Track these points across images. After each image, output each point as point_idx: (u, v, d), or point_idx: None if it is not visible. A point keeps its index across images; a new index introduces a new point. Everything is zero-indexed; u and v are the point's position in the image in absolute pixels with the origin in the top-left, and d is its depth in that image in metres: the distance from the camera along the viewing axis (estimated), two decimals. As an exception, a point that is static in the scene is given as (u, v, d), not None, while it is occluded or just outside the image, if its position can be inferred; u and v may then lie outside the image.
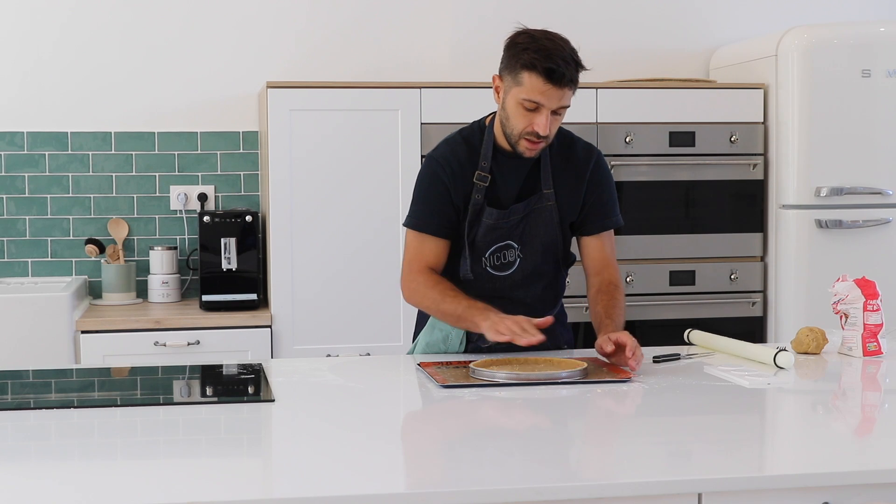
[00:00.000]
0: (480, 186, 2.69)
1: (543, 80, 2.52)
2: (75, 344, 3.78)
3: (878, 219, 4.11)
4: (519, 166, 2.72)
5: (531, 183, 2.74)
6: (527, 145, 2.61)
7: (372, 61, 4.44)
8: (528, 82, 2.54)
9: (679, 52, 4.66)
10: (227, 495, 1.71)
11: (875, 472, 1.84)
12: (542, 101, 2.54)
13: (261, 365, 2.69)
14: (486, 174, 2.69)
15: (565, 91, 2.54)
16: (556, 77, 2.51)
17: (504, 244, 2.73)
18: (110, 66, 4.32)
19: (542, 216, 2.74)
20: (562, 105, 2.57)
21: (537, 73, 2.52)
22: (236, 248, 4.06)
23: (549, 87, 2.52)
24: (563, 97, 2.55)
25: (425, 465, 1.91)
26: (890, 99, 4.10)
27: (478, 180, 2.69)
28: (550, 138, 2.63)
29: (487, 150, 2.70)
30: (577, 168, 2.76)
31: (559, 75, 2.51)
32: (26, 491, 1.75)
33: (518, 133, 2.61)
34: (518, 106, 2.57)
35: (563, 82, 2.52)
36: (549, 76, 2.51)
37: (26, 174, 4.27)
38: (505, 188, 2.72)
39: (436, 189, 2.71)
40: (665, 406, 2.30)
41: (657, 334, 4.13)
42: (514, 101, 2.58)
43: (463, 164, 2.71)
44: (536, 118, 2.56)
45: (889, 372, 2.66)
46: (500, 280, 2.74)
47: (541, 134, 2.57)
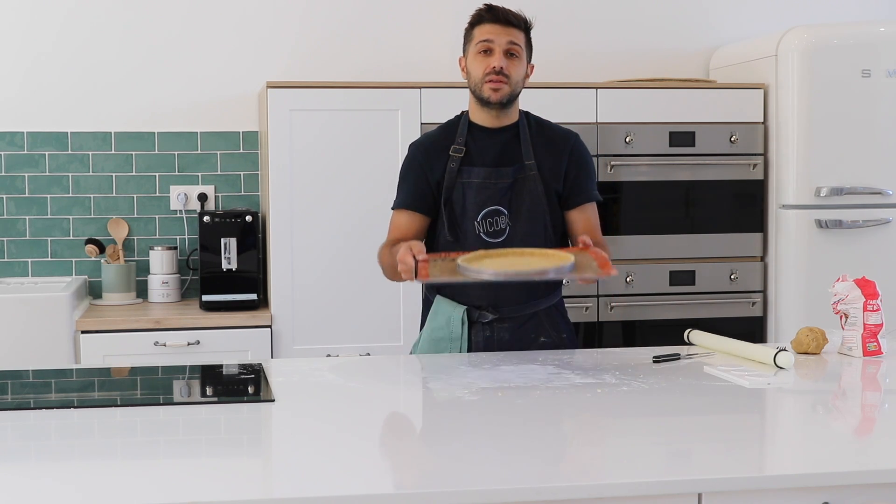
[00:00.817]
0: (455, 157, 2.87)
1: (489, 23, 2.80)
2: (75, 344, 3.78)
3: (878, 219, 4.11)
4: (495, 140, 2.87)
5: (510, 156, 2.87)
6: (490, 87, 2.80)
7: (372, 61, 4.44)
8: (478, 32, 2.82)
9: (679, 51, 4.66)
10: (227, 495, 1.71)
11: (875, 472, 1.84)
12: (492, 38, 2.79)
13: (261, 365, 2.69)
14: (461, 147, 2.87)
15: (512, 31, 2.80)
16: (498, 15, 2.80)
17: (494, 209, 2.83)
18: (110, 65, 4.32)
19: (527, 185, 2.85)
20: (512, 42, 2.80)
21: (482, 20, 2.82)
22: (236, 248, 4.06)
23: (494, 26, 2.79)
24: (512, 35, 2.80)
25: (425, 465, 1.91)
26: (890, 99, 4.09)
27: (453, 153, 2.87)
28: (512, 82, 2.81)
29: (463, 128, 2.90)
30: (557, 145, 2.91)
31: (500, 13, 2.81)
32: (26, 491, 1.75)
33: (480, 79, 2.81)
34: (475, 57, 2.82)
35: (506, 20, 2.80)
36: (492, 16, 2.81)
37: (26, 174, 4.27)
38: (481, 158, 2.86)
39: (412, 170, 2.91)
40: (665, 406, 2.30)
41: (657, 334, 4.14)
42: (472, 55, 2.83)
43: (438, 143, 2.91)
44: (492, 58, 2.79)
45: (889, 372, 2.66)
46: (493, 247, 2.79)
47: (497, 67, 2.77)
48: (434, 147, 2.90)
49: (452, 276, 2.49)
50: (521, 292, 2.85)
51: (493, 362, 2.69)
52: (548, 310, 2.92)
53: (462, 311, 2.85)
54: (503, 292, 2.84)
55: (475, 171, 2.85)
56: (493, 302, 2.85)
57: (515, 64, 2.81)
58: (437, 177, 2.86)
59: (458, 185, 2.85)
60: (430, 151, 2.89)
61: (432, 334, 2.88)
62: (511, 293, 2.84)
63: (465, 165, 2.85)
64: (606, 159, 4.07)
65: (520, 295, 2.85)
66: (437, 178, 2.86)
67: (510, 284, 2.79)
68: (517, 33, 2.81)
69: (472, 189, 2.84)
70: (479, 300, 2.85)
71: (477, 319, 2.86)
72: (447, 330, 2.86)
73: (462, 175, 2.85)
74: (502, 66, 2.77)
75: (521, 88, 2.87)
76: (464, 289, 2.84)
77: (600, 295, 4.10)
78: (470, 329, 2.86)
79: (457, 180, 2.85)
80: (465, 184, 2.84)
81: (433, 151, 2.89)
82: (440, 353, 2.85)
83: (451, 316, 2.86)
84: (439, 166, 2.86)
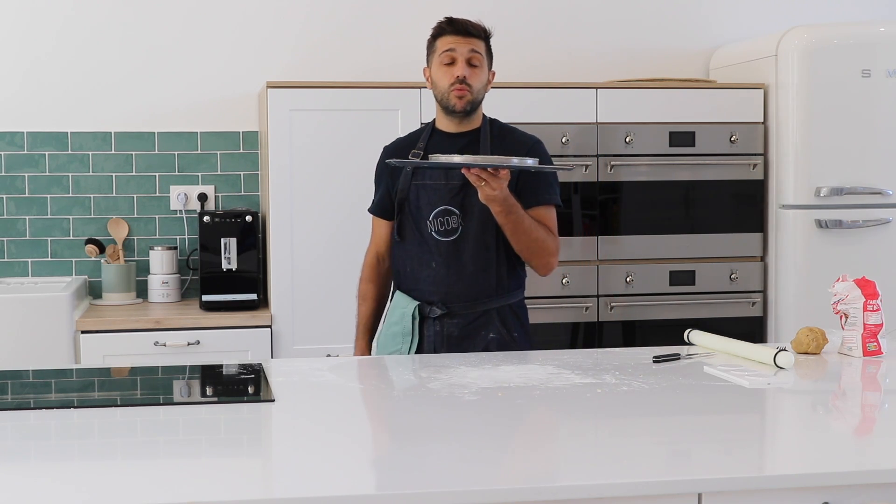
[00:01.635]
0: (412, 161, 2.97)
1: (450, 34, 2.93)
2: (75, 344, 3.78)
3: (878, 219, 4.11)
4: (454, 143, 2.97)
5: None
6: (455, 95, 2.92)
7: (372, 61, 4.44)
8: (440, 43, 2.95)
9: (679, 51, 4.66)
10: (227, 495, 1.71)
11: (875, 472, 1.84)
12: (455, 48, 2.91)
13: (261, 365, 2.69)
14: (420, 151, 2.99)
15: (472, 41, 2.92)
16: (458, 26, 2.92)
17: (445, 209, 2.94)
18: (110, 66, 4.32)
19: None
20: (473, 52, 2.92)
21: (443, 32, 2.95)
22: (236, 248, 4.06)
23: (455, 38, 2.92)
24: (472, 45, 2.92)
25: (425, 465, 1.91)
26: (890, 99, 4.10)
27: (411, 157, 2.99)
28: (476, 88, 2.93)
29: (426, 133, 3.04)
30: (515, 147, 2.97)
31: (461, 24, 2.93)
32: (26, 491, 1.75)
33: (446, 89, 2.93)
34: (439, 67, 2.94)
35: (467, 31, 2.92)
36: (453, 28, 2.93)
37: (26, 174, 4.27)
38: None
39: (377, 173, 3.10)
40: (665, 406, 2.30)
41: (657, 334, 4.14)
42: (436, 66, 2.95)
43: (401, 147, 3.04)
44: (455, 68, 2.92)
45: (889, 372, 2.66)
46: (444, 245, 2.95)
47: (460, 76, 2.89)
48: (396, 152, 3.03)
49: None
50: (472, 289, 2.96)
51: (494, 362, 2.70)
52: (500, 308, 3.00)
53: (414, 306, 2.97)
54: (454, 288, 2.95)
55: (428, 173, 2.96)
56: (443, 298, 2.96)
57: (477, 72, 2.93)
58: (397, 180, 3.01)
59: (412, 187, 2.97)
60: (392, 156, 3.00)
61: (389, 329, 3.02)
62: (462, 289, 2.95)
63: (421, 168, 2.97)
64: (606, 159, 4.07)
65: (470, 292, 2.96)
66: (396, 182, 3.01)
67: (460, 281, 2.94)
68: (477, 42, 2.93)
69: (426, 190, 2.96)
70: (431, 296, 2.96)
71: (428, 315, 2.97)
72: (401, 325, 2.98)
73: (416, 177, 2.97)
74: (465, 75, 2.90)
75: (484, 95, 2.98)
76: (417, 284, 2.97)
77: (600, 295, 4.10)
78: (421, 324, 2.96)
79: (411, 182, 2.97)
80: (419, 185, 2.96)
81: (395, 156, 3.00)
82: (395, 347, 2.98)
83: (405, 311, 2.98)
84: (399, 170, 3.00)
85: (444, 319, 2.96)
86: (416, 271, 2.98)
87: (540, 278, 3.05)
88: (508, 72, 4.41)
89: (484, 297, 2.97)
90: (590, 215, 4.11)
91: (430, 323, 2.97)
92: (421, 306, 2.97)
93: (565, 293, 4.06)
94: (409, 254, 2.99)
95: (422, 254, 2.97)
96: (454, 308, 2.96)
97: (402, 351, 2.96)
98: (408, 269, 3.00)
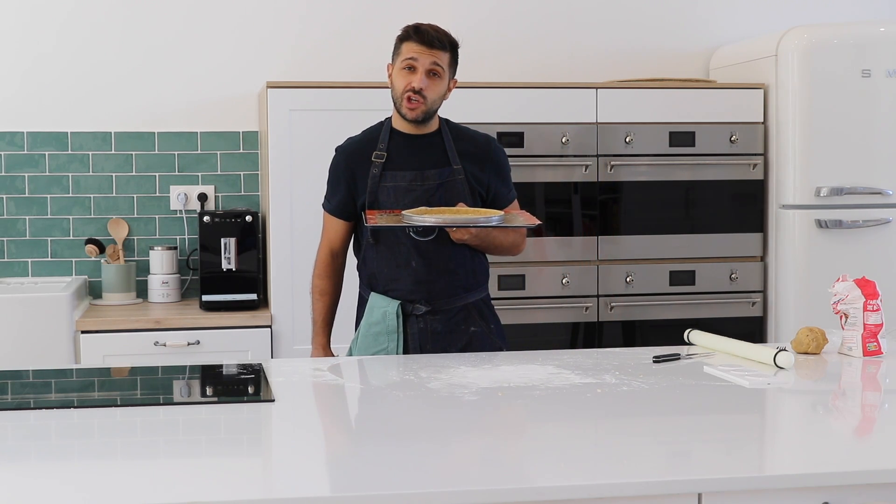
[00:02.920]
0: (377, 163, 3.00)
1: (414, 42, 2.94)
2: (75, 344, 3.78)
3: (878, 219, 4.11)
4: (417, 146, 3.01)
5: (434, 159, 3.02)
6: (407, 105, 2.95)
7: (372, 61, 4.42)
8: (405, 48, 2.97)
9: (679, 51, 4.66)
10: (227, 495, 1.71)
11: (875, 472, 1.84)
12: (416, 57, 2.93)
13: (261, 365, 2.70)
14: (383, 153, 3.00)
15: (436, 52, 2.94)
16: (424, 37, 2.93)
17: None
18: (110, 65, 4.32)
19: (455, 188, 3.00)
20: (435, 63, 2.93)
21: (409, 38, 2.96)
22: (236, 248, 4.06)
23: (420, 47, 2.93)
24: (435, 56, 2.94)
25: (425, 465, 1.91)
26: (890, 99, 4.10)
27: (375, 158, 3.00)
28: (430, 100, 2.95)
29: (385, 134, 3.04)
30: (478, 151, 3.06)
31: (426, 35, 2.94)
32: (26, 491, 1.75)
33: (400, 93, 2.96)
34: (399, 72, 2.97)
35: (431, 42, 2.93)
36: (418, 38, 2.94)
37: (26, 174, 4.27)
38: (405, 162, 3.01)
39: (335, 172, 3.08)
40: (665, 406, 2.30)
41: (657, 334, 4.14)
42: (397, 69, 2.98)
43: (362, 149, 3.04)
44: (413, 76, 2.94)
45: (889, 372, 2.66)
46: (423, 245, 2.98)
47: (416, 87, 2.92)
48: (356, 153, 3.03)
49: (398, 222, 2.77)
50: (452, 285, 2.99)
51: (494, 362, 2.70)
52: (476, 303, 3.05)
53: (396, 305, 2.98)
54: (436, 285, 2.98)
55: (399, 174, 2.99)
56: (426, 296, 2.99)
57: (435, 83, 2.96)
58: (361, 182, 3.01)
59: (381, 189, 2.98)
60: (352, 158, 3.03)
61: (369, 329, 3.02)
62: (443, 286, 2.99)
63: (389, 170, 2.99)
64: (606, 159, 4.07)
65: (451, 288, 2.99)
66: (360, 184, 3.02)
67: (441, 279, 2.98)
68: (440, 54, 2.95)
69: (397, 191, 2.97)
70: (413, 294, 2.99)
71: (411, 312, 2.99)
72: (383, 324, 2.99)
73: (385, 179, 2.98)
74: (422, 86, 2.92)
75: (440, 105, 3.02)
76: (397, 284, 2.99)
77: (600, 295, 4.10)
78: (405, 322, 2.99)
79: (380, 184, 2.98)
80: (389, 187, 2.97)
81: (354, 157, 3.03)
82: (379, 346, 2.99)
83: (387, 311, 2.99)
84: (361, 172, 3.00)
85: (426, 316, 2.99)
86: (394, 272, 2.99)
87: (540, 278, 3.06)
88: (509, 72, 4.41)
89: (462, 292, 3.02)
90: (590, 215, 4.11)
91: (413, 320, 2.99)
92: (403, 305, 2.99)
93: (565, 293, 4.06)
94: (385, 255, 3.00)
95: (400, 255, 2.98)
96: (437, 304, 2.99)
97: (388, 350, 2.98)
98: (385, 270, 3.00)
